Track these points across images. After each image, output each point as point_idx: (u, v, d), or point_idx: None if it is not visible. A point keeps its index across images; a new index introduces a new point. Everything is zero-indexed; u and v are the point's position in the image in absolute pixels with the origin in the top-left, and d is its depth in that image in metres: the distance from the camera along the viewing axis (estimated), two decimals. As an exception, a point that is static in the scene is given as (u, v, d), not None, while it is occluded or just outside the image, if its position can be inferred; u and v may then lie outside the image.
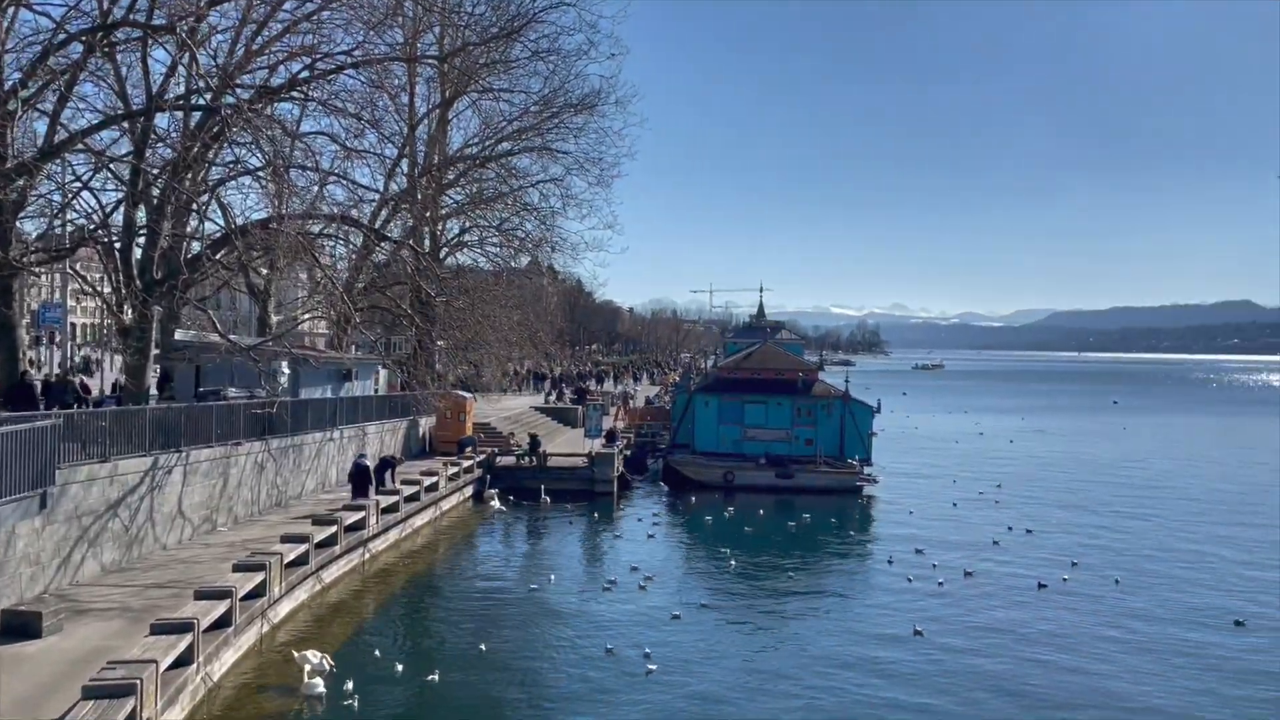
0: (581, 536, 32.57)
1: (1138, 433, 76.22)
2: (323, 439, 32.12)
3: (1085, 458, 57.98)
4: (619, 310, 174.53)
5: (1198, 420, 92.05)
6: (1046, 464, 54.25)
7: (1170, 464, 55.54)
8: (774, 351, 46.66)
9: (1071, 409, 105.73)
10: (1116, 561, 29.61)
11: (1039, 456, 57.92)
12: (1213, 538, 33.46)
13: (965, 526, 34.98)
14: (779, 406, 43.53)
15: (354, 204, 30.60)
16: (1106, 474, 50.42)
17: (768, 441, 43.28)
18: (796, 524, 34.65)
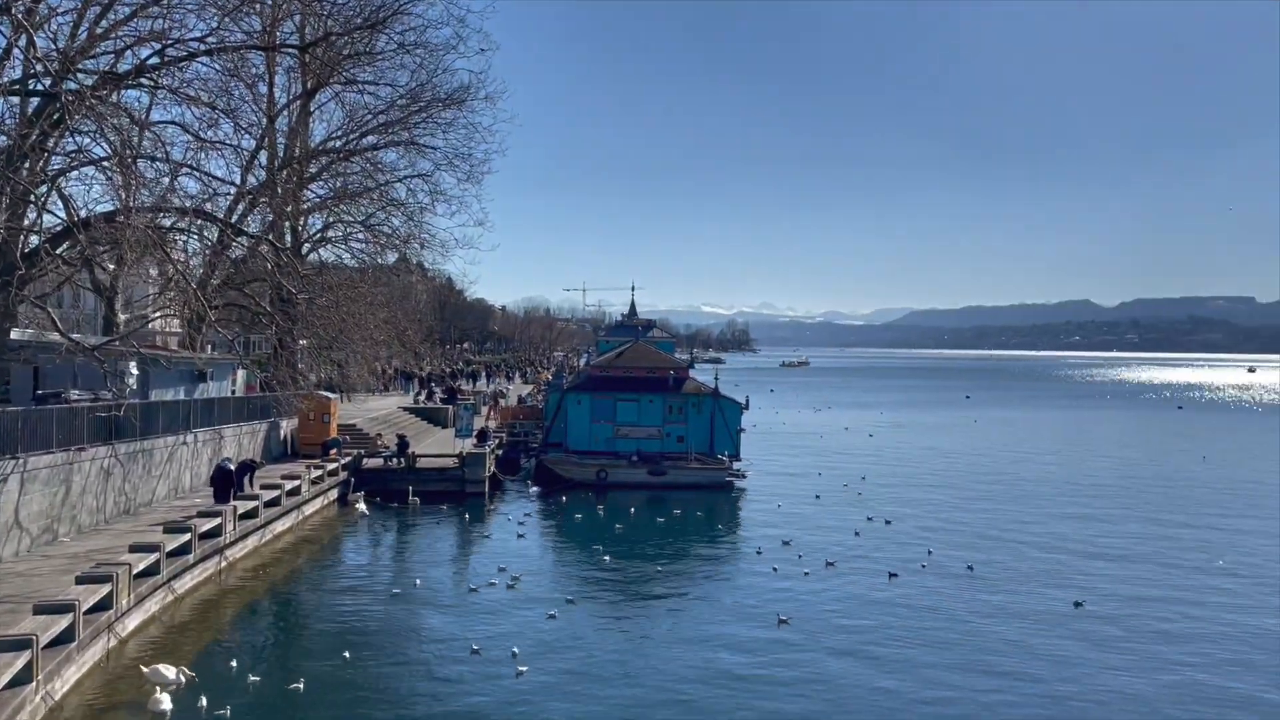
0: (451, 538, 32.22)
1: (988, 426, 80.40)
2: (175, 443, 30.74)
3: (940, 450, 60.80)
4: (491, 309, 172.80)
5: (1042, 414, 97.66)
6: (904, 457, 56.65)
7: (1017, 456, 58.83)
8: (646, 350, 47.09)
9: (927, 404, 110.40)
10: (970, 549, 31.23)
11: (897, 450, 60.39)
12: (1057, 525, 35.69)
13: (829, 518, 36.25)
14: (651, 404, 43.97)
15: (208, 197, 29.36)
16: (959, 466, 53.01)
17: (640, 439, 43.71)
18: (668, 519, 35.20)
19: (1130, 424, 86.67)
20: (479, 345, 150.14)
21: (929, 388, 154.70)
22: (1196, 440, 70.16)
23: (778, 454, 56.47)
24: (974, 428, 78.29)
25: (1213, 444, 67.09)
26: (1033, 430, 77.56)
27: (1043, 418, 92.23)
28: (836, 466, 51.22)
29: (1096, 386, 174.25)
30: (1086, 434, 75.35)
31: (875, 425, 78.09)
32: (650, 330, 56.65)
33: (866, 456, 56.49)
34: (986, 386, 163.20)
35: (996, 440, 68.42)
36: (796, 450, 59.30)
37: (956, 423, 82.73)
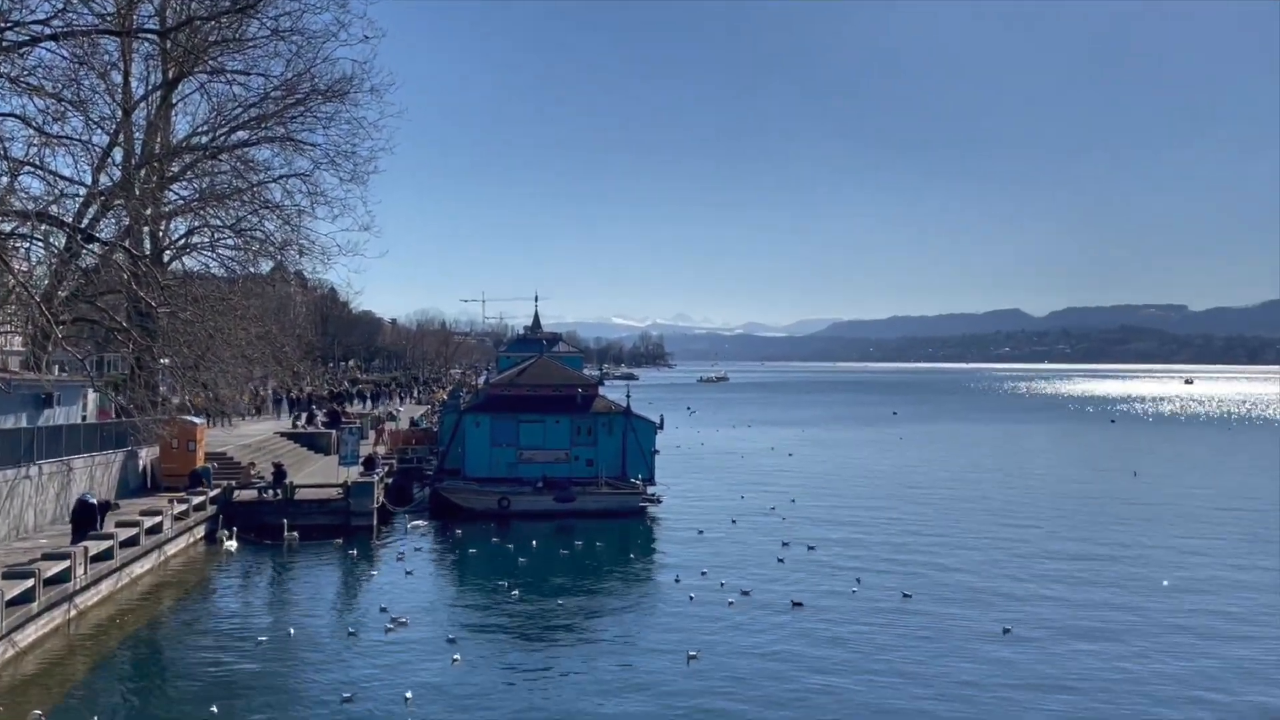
0: (332, 578, 31.74)
1: (914, 443, 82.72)
2: (16, 476, 29.55)
3: (867, 470, 62.34)
4: (379, 322, 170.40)
5: (971, 429, 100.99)
6: (828, 478, 57.92)
7: (947, 474, 60.66)
8: (551, 365, 47.31)
9: (852, 420, 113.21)
10: (898, 574, 32.12)
11: (821, 470, 61.70)
12: (989, 548, 36.90)
13: (750, 545, 36.84)
14: (557, 425, 44.19)
15: (55, 199, 28.41)
16: (887, 486, 54.44)
17: (545, 463, 43.81)
18: (577, 549, 35.31)
19: (1062, 439, 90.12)
20: (366, 362, 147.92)
21: (854, 403, 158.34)
22: (1129, 455, 73.30)
23: (696, 476, 57.10)
24: (901, 445, 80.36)
25: (1145, 459, 70.17)
26: (962, 447, 79.99)
27: (972, 433, 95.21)
28: (759, 489, 52.02)
29: (1028, 400, 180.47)
30: (1018, 450, 78.08)
31: (798, 444, 79.60)
32: (556, 344, 56.81)
33: (790, 478, 57.51)
34: (914, 401, 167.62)
35: (924, 457, 70.38)
36: (716, 472, 60.07)
37: (883, 439, 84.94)
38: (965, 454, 73.79)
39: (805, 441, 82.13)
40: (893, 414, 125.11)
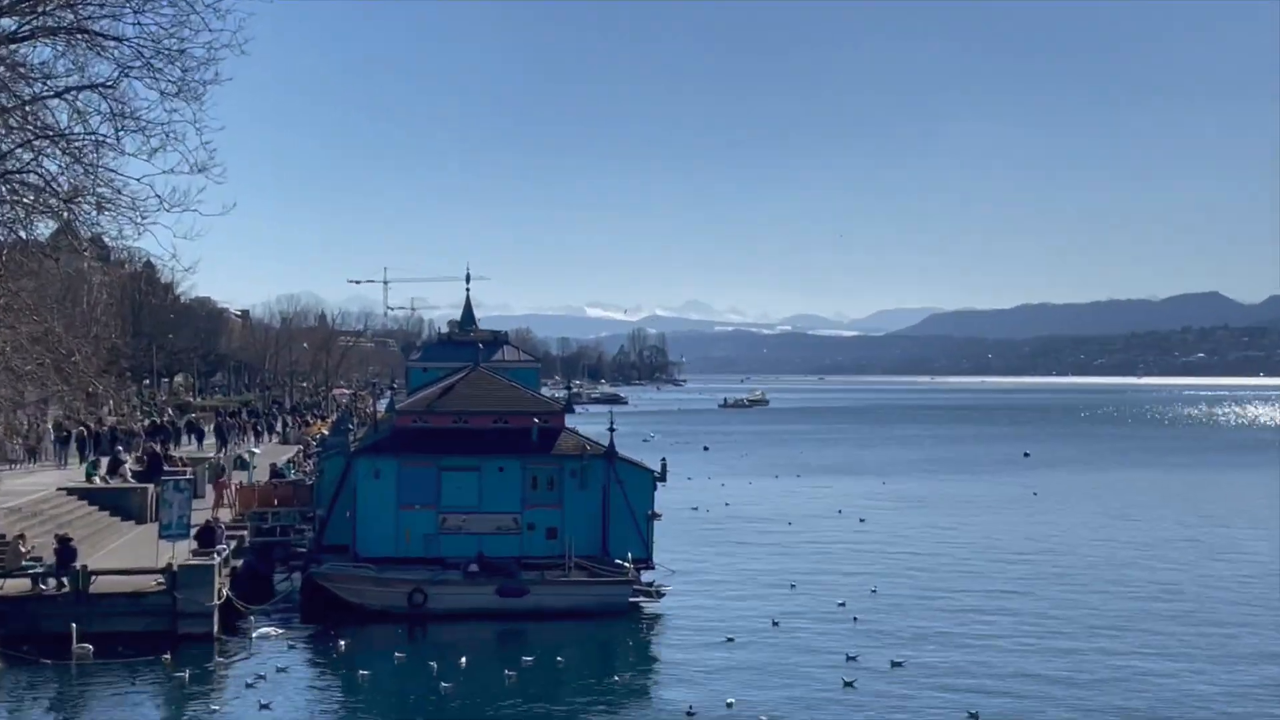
0: (146, 714, 31.49)
1: (1058, 500, 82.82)
2: None
3: (980, 545, 62.25)
4: (223, 314, 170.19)
5: (1148, 477, 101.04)
6: (922, 558, 57.77)
7: (1109, 550, 60.67)
8: (492, 382, 47.42)
9: (959, 466, 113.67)
10: (1037, 713, 31.74)
11: (912, 546, 61.68)
12: (1190, 679, 36.23)
13: (804, 661, 36.68)
14: (500, 475, 44.28)
15: None
16: (1012, 570, 54.24)
17: (483, 534, 43.83)
18: (531, 670, 35.12)
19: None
20: (203, 378, 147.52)
21: (962, 439, 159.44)
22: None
23: (718, 555, 57.09)
24: (1037, 504, 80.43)
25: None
26: (1139, 506, 79.87)
27: (1152, 484, 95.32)
28: (817, 574, 51.91)
29: (1242, 433, 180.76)
30: (1234, 512, 77.41)
31: (877, 504, 79.94)
32: (499, 348, 56.63)
33: (866, 557, 57.48)
34: (1056, 435, 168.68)
35: (1075, 524, 70.27)
36: (750, 548, 60.01)
37: (1009, 496, 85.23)
38: (1145, 519, 73.52)
39: (887, 500, 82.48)
40: (1023, 456, 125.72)
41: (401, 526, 44.07)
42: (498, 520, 44.11)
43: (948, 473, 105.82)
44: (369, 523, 44.04)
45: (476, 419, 45.42)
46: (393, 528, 44.00)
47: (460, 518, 44.08)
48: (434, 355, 58.92)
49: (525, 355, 62.30)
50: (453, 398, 46.30)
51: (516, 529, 44.15)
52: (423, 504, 44.08)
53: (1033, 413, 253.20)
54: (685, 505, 72.00)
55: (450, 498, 44.19)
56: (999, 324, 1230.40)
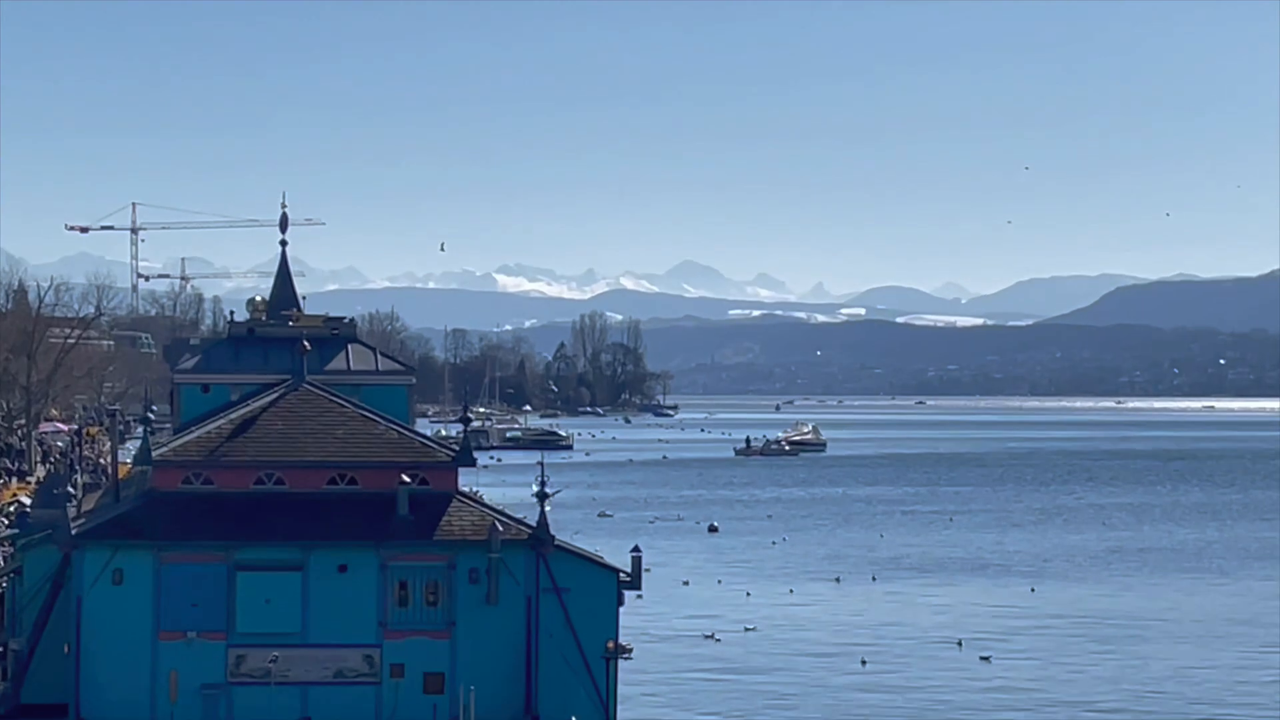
0: None
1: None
2: None
3: (1206, 694, 63.50)
4: None
5: None
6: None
7: None
8: (325, 410, 47.27)
9: (1168, 558, 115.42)
10: None
11: (1080, 699, 62.43)
12: None
13: None
14: (342, 578, 44.33)
15: None
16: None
17: (310, 684, 43.84)
18: None
19: None
20: None
21: (1181, 513, 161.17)
22: None
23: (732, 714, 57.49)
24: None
25: None
26: None
27: None
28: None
29: None
30: None
31: (1018, 624, 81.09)
32: (341, 349, 56.14)
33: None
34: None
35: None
36: (792, 712, 60.67)
37: (1255, 615, 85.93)
38: None
39: (1036, 619, 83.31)
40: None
41: (163, 671, 43.80)
42: (337, 659, 43.85)
43: (1143, 571, 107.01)
44: (104, 664, 43.70)
45: (298, 476, 45.09)
46: (147, 674, 43.66)
47: (270, 656, 43.88)
48: (222, 361, 56.13)
49: (388, 360, 60.87)
50: (256, 439, 45.84)
51: (372, 675, 43.93)
52: (202, 631, 43.66)
53: (1241, 460, 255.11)
54: (678, 631, 71.76)
55: (252, 620, 43.64)
56: (1245, 303, 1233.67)
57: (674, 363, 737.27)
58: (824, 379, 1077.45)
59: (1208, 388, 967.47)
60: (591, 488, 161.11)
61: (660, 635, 62.80)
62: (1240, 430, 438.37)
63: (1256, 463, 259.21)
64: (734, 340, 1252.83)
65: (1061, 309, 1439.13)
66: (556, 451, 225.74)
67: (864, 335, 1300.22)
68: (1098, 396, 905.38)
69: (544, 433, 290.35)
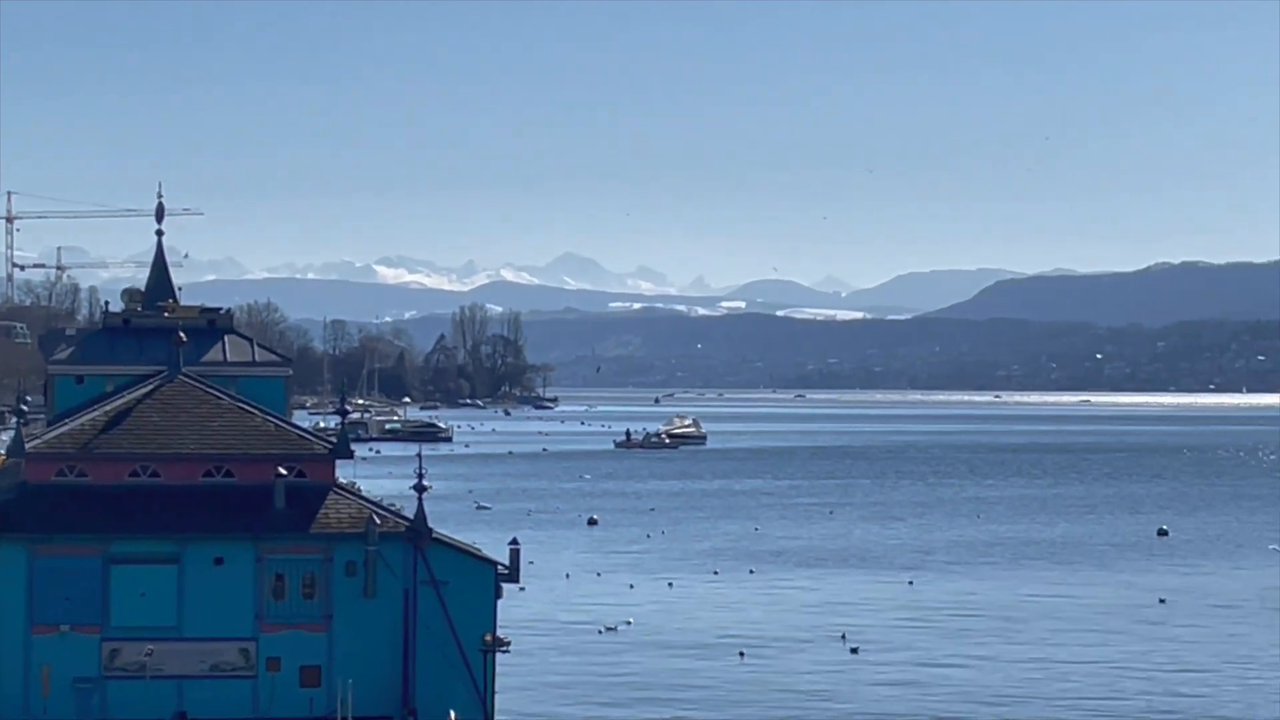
0: None
1: (1216, 613, 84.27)
2: None
3: (1076, 693, 63.53)
4: None
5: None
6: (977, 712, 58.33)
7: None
8: (201, 401, 46.81)
9: (1040, 550, 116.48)
10: None
11: (948, 691, 62.86)
12: None
13: None
14: (218, 571, 43.86)
15: None
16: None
17: (186, 678, 43.40)
18: None
19: None
20: None
21: (1053, 505, 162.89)
22: None
23: (615, 716, 57.51)
24: (1170, 620, 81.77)
25: None
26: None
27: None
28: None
29: None
30: None
31: (893, 618, 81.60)
32: (218, 339, 55.64)
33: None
34: (1219, 497, 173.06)
35: (1244, 660, 71.55)
36: (673, 703, 60.64)
37: (1123, 606, 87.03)
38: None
39: (913, 612, 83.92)
40: (1157, 534, 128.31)
41: (35, 666, 43.28)
42: (213, 653, 43.36)
43: (1021, 564, 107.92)
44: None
45: (174, 469, 44.55)
46: (20, 668, 43.15)
47: (144, 649, 43.44)
48: (97, 352, 55.66)
49: (265, 352, 60.45)
50: (131, 431, 45.26)
51: (248, 669, 43.51)
52: (75, 624, 43.14)
53: (1181, 458, 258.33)
54: (557, 624, 71.65)
55: (126, 613, 43.12)
56: (1119, 300, 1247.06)
57: (554, 355, 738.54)
58: (704, 372, 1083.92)
59: (1084, 381, 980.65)
60: (470, 480, 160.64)
61: (540, 628, 62.61)
62: (1116, 424, 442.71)
63: (1133, 456, 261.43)
64: (614, 333, 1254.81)
65: (940, 303, 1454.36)
66: (435, 444, 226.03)
67: (744, 328, 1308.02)
68: (976, 390, 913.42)
69: (423, 425, 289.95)
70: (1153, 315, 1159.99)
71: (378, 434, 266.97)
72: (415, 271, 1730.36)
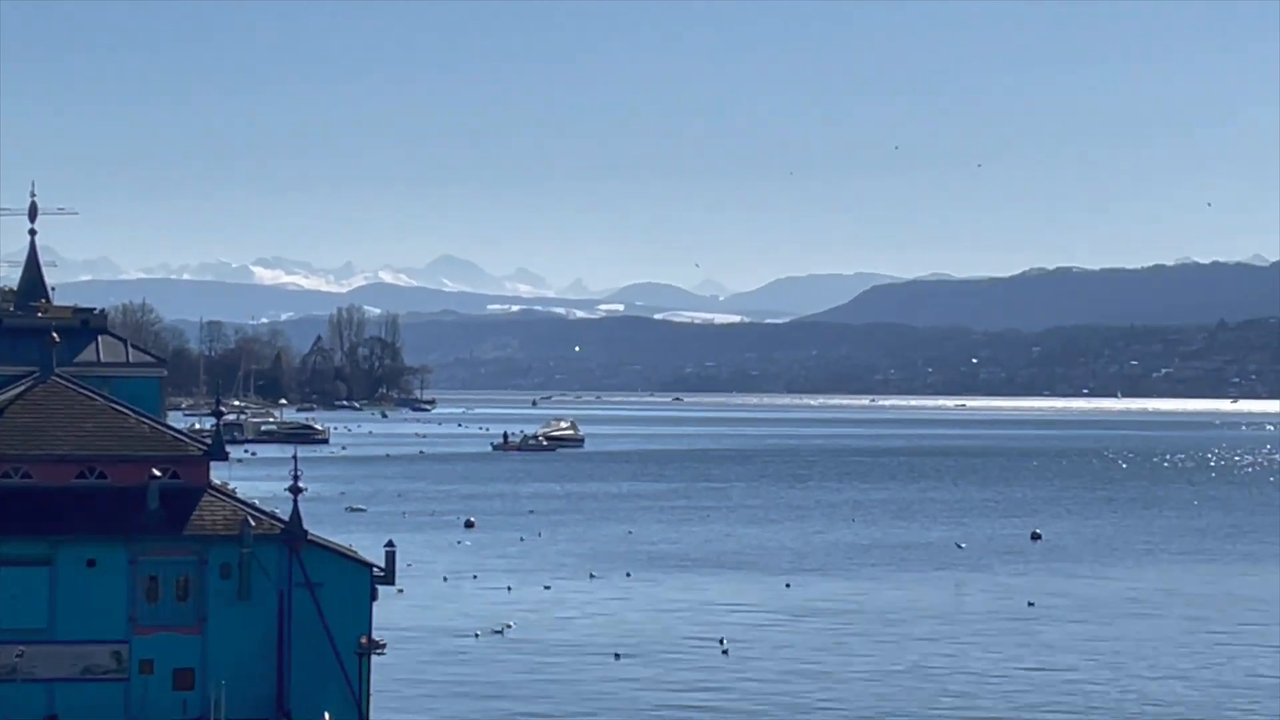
0: None
1: (1086, 615, 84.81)
2: None
3: (948, 693, 64.07)
4: None
5: (1258, 579, 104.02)
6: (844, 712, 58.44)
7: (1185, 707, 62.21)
8: (73, 402, 46.34)
9: (917, 553, 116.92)
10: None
11: (816, 689, 63.13)
12: None
13: None
14: (90, 573, 43.40)
15: None
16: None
17: (56, 681, 42.83)
18: None
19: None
20: None
21: (929, 508, 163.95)
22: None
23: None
24: (1040, 622, 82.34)
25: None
26: (1236, 633, 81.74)
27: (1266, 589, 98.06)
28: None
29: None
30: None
31: (770, 619, 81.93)
32: (92, 340, 55.30)
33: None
34: (1095, 501, 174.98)
35: (1108, 661, 72.17)
36: (547, 699, 61.04)
37: (996, 610, 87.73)
38: (1244, 654, 75.23)
39: (788, 615, 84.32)
40: (1031, 538, 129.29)
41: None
42: (85, 656, 42.85)
43: (897, 567, 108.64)
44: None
45: (46, 470, 43.99)
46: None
47: (15, 652, 42.82)
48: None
49: (139, 352, 59.81)
50: (2, 432, 44.41)
51: (120, 672, 42.98)
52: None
53: (1057, 462, 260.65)
54: (434, 627, 71.51)
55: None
56: (995, 306, 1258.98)
57: (432, 357, 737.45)
58: (582, 375, 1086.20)
59: (960, 386, 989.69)
60: (347, 482, 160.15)
61: (417, 630, 62.53)
62: (992, 428, 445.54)
63: (1008, 460, 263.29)
64: (493, 335, 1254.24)
65: (818, 307, 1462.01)
66: (312, 446, 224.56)
67: (622, 331, 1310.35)
68: (853, 394, 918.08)
69: (299, 426, 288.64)
70: (1028, 320, 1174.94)
71: (253, 436, 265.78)
72: (293, 273, 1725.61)
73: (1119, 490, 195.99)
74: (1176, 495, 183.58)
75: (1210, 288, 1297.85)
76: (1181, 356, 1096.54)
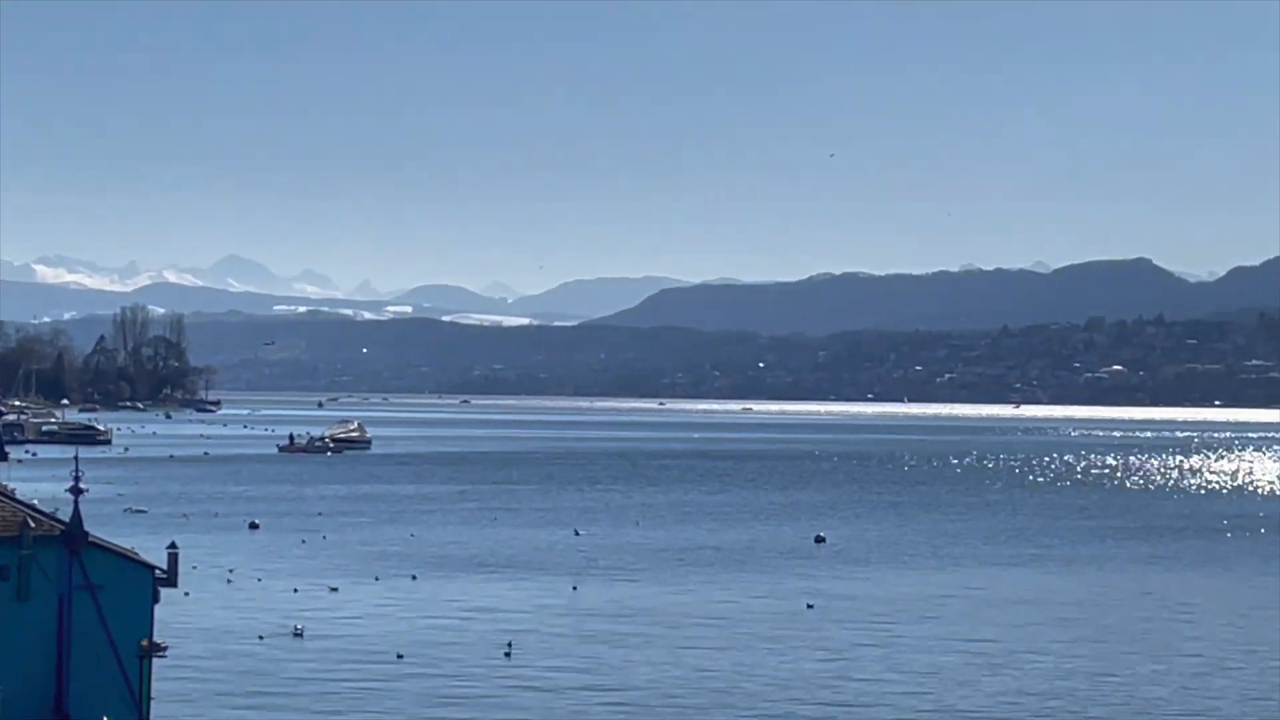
0: None
1: (859, 620, 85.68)
2: None
3: (716, 695, 64.09)
4: None
5: (1034, 576, 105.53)
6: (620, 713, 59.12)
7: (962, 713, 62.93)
8: None
9: (699, 557, 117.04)
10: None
11: (591, 691, 63.41)
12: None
13: None
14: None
15: None
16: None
17: None
18: None
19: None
20: None
21: (716, 511, 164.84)
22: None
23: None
24: (816, 625, 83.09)
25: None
26: (1006, 632, 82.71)
27: (1038, 588, 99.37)
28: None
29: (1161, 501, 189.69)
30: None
31: (556, 623, 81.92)
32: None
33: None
34: (880, 504, 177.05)
35: (888, 667, 72.80)
36: (335, 698, 61.37)
37: (775, 612, 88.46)
38: (1023, 652, 76.39)
39: (572, 616, 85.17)
40: (814, 541, 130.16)
41: None
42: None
43: (683, 569, 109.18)
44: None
45: None
46: None
47: None
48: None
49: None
50: None
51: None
52: None
53: (840, 466, 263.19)
54: (218, 629, 70.97)
55: None
56: (782, 310, 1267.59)
57: (219, 358, 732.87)
58: (369, 377, 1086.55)
59: (747, 389, 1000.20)
60: (130, 484, 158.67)
61: (201, 633, 62.10)
62: (778, 432, 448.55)
63: (793, 464, 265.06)
64: (279, 336, 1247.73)
65: (606, 310, 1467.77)
66: (94, 446, 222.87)
67: (410, 333, 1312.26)
68: (641, 397, 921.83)
69: (82, 427, 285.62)
70: (815, 325, 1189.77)
71: (34, 436, 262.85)
72: (75, 271, 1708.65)
73: (903, 494, 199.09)
74: (960, 499, 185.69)
75: (993, 294, 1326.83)
76: (965, 362, 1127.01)
